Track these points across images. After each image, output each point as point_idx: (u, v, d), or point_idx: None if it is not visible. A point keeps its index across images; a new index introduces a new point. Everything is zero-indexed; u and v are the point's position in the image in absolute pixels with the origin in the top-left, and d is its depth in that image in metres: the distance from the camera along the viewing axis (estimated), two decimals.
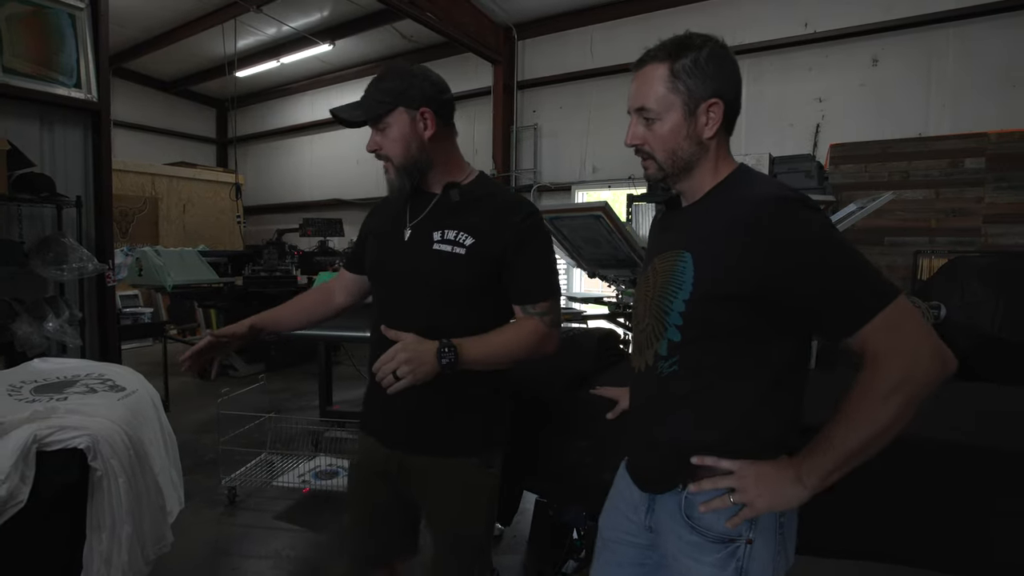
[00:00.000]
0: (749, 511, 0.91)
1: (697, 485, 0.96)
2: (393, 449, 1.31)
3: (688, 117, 0.96)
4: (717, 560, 0.95)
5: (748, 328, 0.92)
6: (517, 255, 1.23)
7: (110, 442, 1.25)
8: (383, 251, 1.33)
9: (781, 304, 0.89)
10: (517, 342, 1.22)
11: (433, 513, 1.33)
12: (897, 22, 5.24)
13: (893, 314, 0.83)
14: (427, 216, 1.28)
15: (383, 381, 1.11)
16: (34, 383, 1.50)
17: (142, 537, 1.31)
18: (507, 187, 1.37)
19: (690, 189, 1.03)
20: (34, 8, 3.16)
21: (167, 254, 5.36)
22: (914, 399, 0.83)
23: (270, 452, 3.30)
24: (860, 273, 0.86)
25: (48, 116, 3.29)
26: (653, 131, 0.98)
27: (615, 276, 3.41)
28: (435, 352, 1.12)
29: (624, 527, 1.12)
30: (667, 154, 0.99)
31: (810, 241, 0.86)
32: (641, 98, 0.98)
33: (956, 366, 0.84)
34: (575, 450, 1.66)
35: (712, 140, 0.98)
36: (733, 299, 0.90)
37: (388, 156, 1.24)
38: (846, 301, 0.86)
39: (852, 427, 0.86)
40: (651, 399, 1.03)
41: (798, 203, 0.89)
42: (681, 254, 0.96)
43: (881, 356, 0.84)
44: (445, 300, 1.23)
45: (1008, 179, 4.48)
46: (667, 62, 0.96)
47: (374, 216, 1.46)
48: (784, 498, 0.90)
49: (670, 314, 0.96)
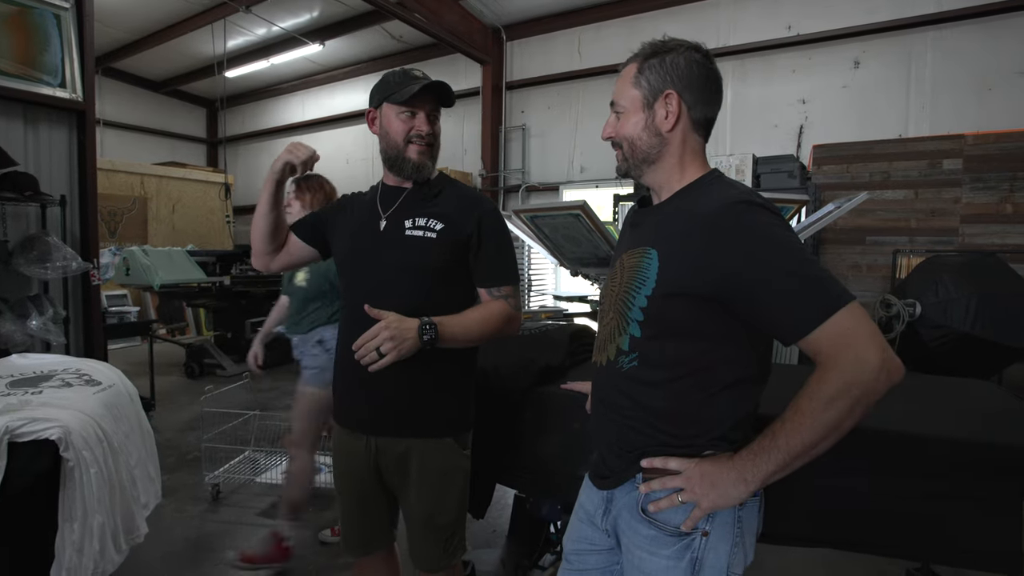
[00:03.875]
0: (698, 511, 0.94)
1: (647, 486, 0.98)
2: (370, 435, 1.36)
3: (647, 109, 1.01)
4: (673, 552, 0.97)
5: (705, 327, 0.95)
6: (482, 243, 1.34)
7: (82, 434, 1.28)
8: (361, 241, 1.39)
9: (735, 304, 0.91)
10: (488, 321, 1.31)
11: (411, 494, 1.38)
12: (878, 25, 5.33)
13: (843, 320, 0.84)
14: (399, 207, 1.37)
15: (365, 359, 1.15)
16: (10, 378, 1.52)
17: (115, 527, 1.33)
18: (466, 184, 1.47)
19: (656, 185, 1.06)
20: (19, 8, 3.17)
21: (155, 253, 5.36)
22: (858, 405, 0.83)
23: (254, 449, 3.32)
24: (812, 278, 0.87)
25: (32, 115, 3.30)
26: (621, 124, 1.04)
27: (596, 275, 3.45)
28: (417, 329, 1.19)
29: (586, 536, 1.15)
30: (628, 144, 1.03)
31: (769, 244, 0.88)
32: (616, 94, 1.05)
33: (903, 375, 0.85)
34: (547, 444, 1.70)
35: (672, 134, 1.01)
36: (691, 297, 0.93)
37: (435, 141, 1.40)
38: (796, 304, 0.86)
39: (796, 429, 0.86)
40: (611, 392, 1.06)
41: (760, 207, 0.91)
42: (648, 251, 0.99)
43: (828, 360, 0.85)
44: (419, 282, 1.32)
45: (984, 180, 4.57)
46: (638, 61, 1.02)
47: (339, 211, 1.50)
48: (728, 497, 0.92)
49: (632, 309, 0.99)
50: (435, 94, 1.36)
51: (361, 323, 1.24)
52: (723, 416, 0.97)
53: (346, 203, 1.52)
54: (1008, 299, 3.28)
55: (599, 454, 1.10)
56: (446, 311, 1.28)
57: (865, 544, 1.36)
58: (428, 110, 1.36)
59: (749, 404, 1.00)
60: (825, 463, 0.97)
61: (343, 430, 1.44)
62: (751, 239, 0.89)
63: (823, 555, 2.44)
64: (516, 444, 1.73)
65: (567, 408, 1.56)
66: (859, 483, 1.31)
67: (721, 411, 0.97)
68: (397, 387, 1.31)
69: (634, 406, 1.01)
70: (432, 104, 1.37)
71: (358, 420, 1.40)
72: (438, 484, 1.38)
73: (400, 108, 1.34)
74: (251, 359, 2.52)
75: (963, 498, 1.24)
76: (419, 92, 1.32)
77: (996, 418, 1.40)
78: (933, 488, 1.27)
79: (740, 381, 0.97)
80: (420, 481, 1.37)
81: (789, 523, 1.32)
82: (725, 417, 0.97)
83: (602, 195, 6.58)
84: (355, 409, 1.41)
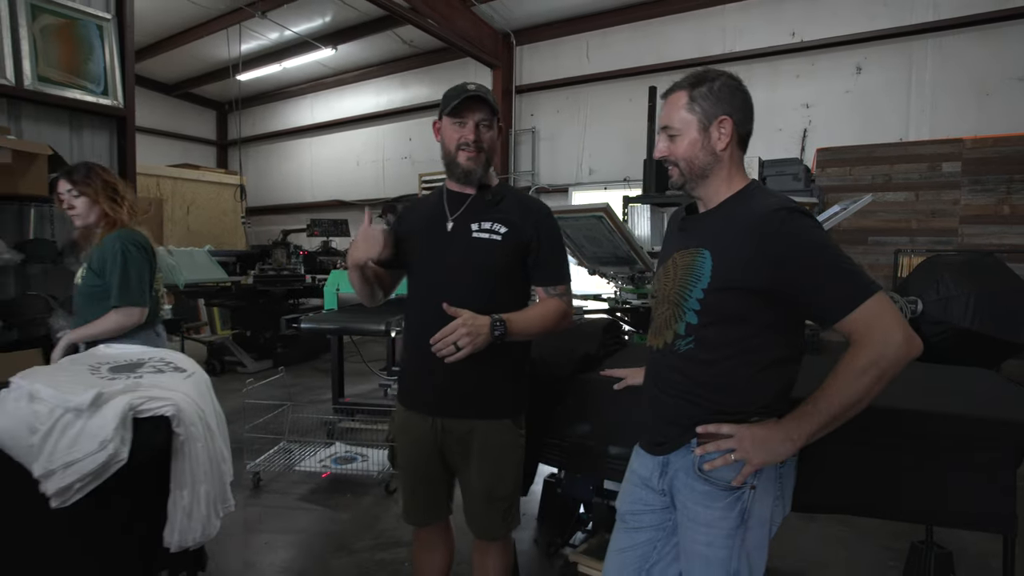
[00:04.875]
0: (749, 467, 1.11)
1: (702, 448, 1.16)
2: (436, 416, 1.52)
3: (703, 132, 1.18)
4: (726, 505, 1.15)
5: (752, 314, 1.13)
6: (541, 245, 1.49)
7: (188, 412, 1.44)
8: (429, 242, 1.53)
9: (784, 294, 1.09)
10: (547, 317, 1.47)
11: (472, 470, 1.54)
12: (879, 33, 5.52)
13: (873, 305, 1.02)
14: (465, 211, 1.52)
15: (443, 351, 1.31)
16: (108, 364, 1.68)
17: (214, 496, 1.50)
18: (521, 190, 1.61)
19: (706, 196, 1.24)
20: (66, 20, 3.33)
21: (179, 253, 5.52)
22: (885, 374, 1.02)
23: (289, 440, 3.48)
24: (849, 271, 1.05)
25: (77, 121, 3.46)
26: (676, 145, 1.20)
27: (614, 273, 3.63)
28: (489, 325, 1.35)
29: (640, 497, 1.32)
30: (687, 163, 1.20)
31: (810, 244, 1.06)
32: (666, 119, 1.21)
33: (921, 350, 1.04)
34: (585, 425, 1.87)
35: (724, 152, 1.18)
36: (744, 290, 1.11)
37: (485, 148, 1.50)
38: (836, 293, 1.05)
39: (834, 395, 1.04)
40: (667, 371, 1.23)
41: (800, 213, 1.09)
42: (701, 251, 1.17)
43: (860, 339, 1.03)
44: (484, 280, 1.46)
45: (982, 182, 4.76)
46: (687, 90, 1.19)
47: (407, 216, 1.66)
48: (776, 453, 1.10)
49: (689, 300, 1.17)
50: (483, 103, 1.47)
51: (429, 317, 1.39)
52: (767, 389, 1.15)
53: (414, 207, 1.69)
54: (1005, 296, 3.46)
55: (654, 425, 1.27)
56: (506, 307, 1.43)
57: (877, 509, 1.54)
58: (477, 119, 1.46)
59: (788, 378, 1.18)
60: (840, 437, 1.14)
61: (409, 412, 1.59)
62: (796, 240, 1.07)
63: (835, 533, 2.62)
64: (558, 425, 1.91)
65: (603, 394, 1.73)
66: (873, 455, 1.49)
67: (765, 385, 1.15)
68: (463, 374, 1.44)
69: (689, 382, 1.19)
70: (482, 113, 1.47)
71: (425, 403, 1.55)
72: (498, 460, 1.53)
73: (452, 119, 1.48)
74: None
75: (964, 466, 1.41)
76: (466, 103, 1.45)
77: (993, 398, 1.58)
78: (938, 458, 1.45)
79: (780, 359, 1.15)
80: (481, 458, 1.52)
81: (810, 494, 1.49)
82: (769, 390, 1.15)
83: (610, 196, 6.75)
84: (423, 393, 1.55)
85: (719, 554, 1.15)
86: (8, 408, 1.30)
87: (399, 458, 1.71)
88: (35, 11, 3.19)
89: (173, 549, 1.42)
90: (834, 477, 1.51)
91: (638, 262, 3.32)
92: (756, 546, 1.16)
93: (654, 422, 1.27)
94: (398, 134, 8.99)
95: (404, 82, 8.79)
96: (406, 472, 1.67)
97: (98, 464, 1.27)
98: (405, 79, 8.76)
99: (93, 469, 1.27)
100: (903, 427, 1.46)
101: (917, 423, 1.45)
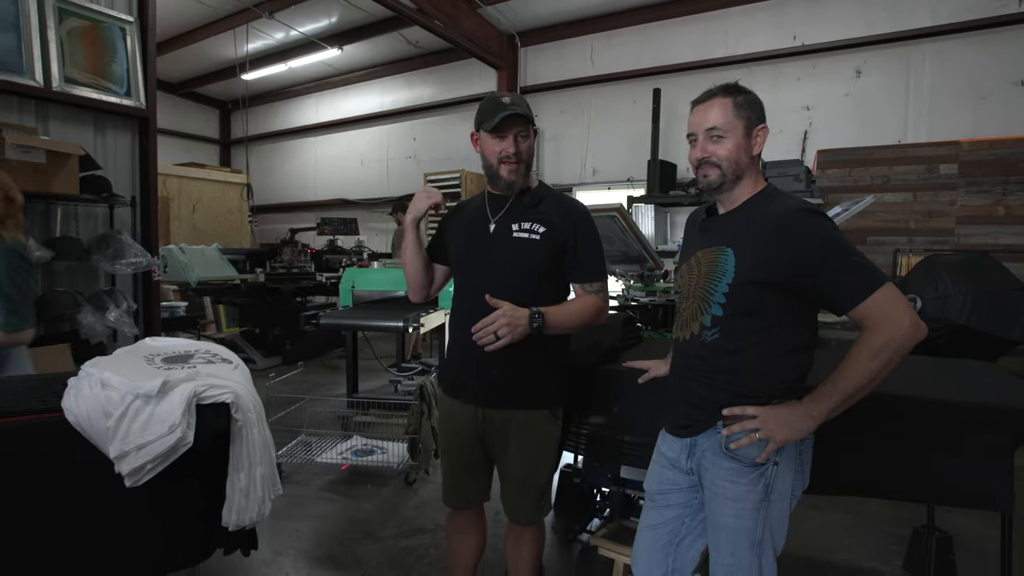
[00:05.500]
0: (772, 444, 1.22)
1: (729, 429, 1.27)
2: (479, 406, 1.62)
3: (746, 137, 1.30)
4: (751, 480, 1.26)
5: (775, 306, 1.24)
6: (578, 244, 1.58)
7: (244, 399, 1.54)
8: (473, 241, 1.64)
9: (803, 287, 1.21)
10: (584, 312, 1.57)
11: (511, 457, 1.63)
12: (878, 37, 5.64)
13: (883, 295, 1.15)
14: (506, 213, 1.61)
15: (483, 339, 1.41)
16: (160, 355, 1.77)
17: (267, 479, 1.60)
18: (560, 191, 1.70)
19: (734, 197, 1.34)
20: (91, 23, 3.41)
21: (191, 251, 5.60)
22: (895, 356, 1.14)
23: (308, 433, 3.57)
24: (861, 265, 1.17)
25: (101, 122, 3.54)
26: (720, 145, 1.30)
27: (623, 271, 3.73)
28: (528, 317, 1.44)
29: (668, 478, 1.43)
30: (731, 163, 1.30)
31: (827, 240, 1.18)
32: (712, 120, 1.30)
33: (926, 333, 1.16)
34: (606, 414, 1.97)
35: (758, 157, 1.33)
36: (767, 283, 1.23)
37: (524, 159, 1.57)
38: (851, 284, 1.17)
39: (851, 375, 1.17)
40: (696, 359, 1.34)
41: (818, 214, 1.22)
42: (723, 250, 1.28)
43: (873, 325, 1.15)
44: (524, 276, 1.56)
45: (978, 184, 4.89)
46: (729, 97, 1.30)
47: (452, 217, 1.77)
48: (798, 430, 1.22)
49: (714, 294, 1.28)
50: (521, 118, 1.54)
51: (474, 311, 1.49)
52: (787, 373, 1.27)
53: (458, 209, 1.78)
54: (1000, 295, 3.59)
55: (681, 410, 1.38)
56: (546, 302, 1.53)
57: (884, 490, 1.65)
58: (516, 132, 1.54)
59: (806, 363, 1.30)
60: (850, 425, 1.25)
61: (453, 401, 1.69)
62: (815, 238, 1.19)
63: (840, 521, 2.74)
64: (580, 414, 2.01)
65: (622, 385, 1.84)
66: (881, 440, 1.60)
67: (785, 370, 1.27)
68: (504, 366, 1.55)
69: (715, 369, 1.30)
70: (520, 126, 1.54)
71: (468, 392, 1.65)
72: (535, 449, 1.63)
73: (491, 134, 1.55)
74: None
75: (964, 449, 1.53)
76: (506, 120, 1.52)
77: (992, 387, 1.69)
78: (940, 442, 1.56)
79: (798, 346, 1.27)
80: (519, 446, 1.62)
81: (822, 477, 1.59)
82: (788, 374, 1.27)
83: (614, 196, 6.87)
84: (467, 384, 1.65)
85: (745, 524, 1.26)
86: (84, 393, 1.39)
87: (441, 443, 1.81)
88: (62, 14, 3.27)
89: (232, 528, 1.51)
90: (845, 461, 1.62)
91: (648, 260, 3.42)
92: (778, 517, 1.28)
93: (682, 407, 1.38)
94: (403, 134, 9.07)
95: (409, 82, 8.87)
96: (448, 457, 1.77)
97: (167, 447, 1.37)
98: (410, 79, 8.84)
99: (163, 451, 1.37)
100: (909, 413, 1.57)
101: (922, 409, 1.56)
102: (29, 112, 3.20)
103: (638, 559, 1.48)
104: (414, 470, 3.16)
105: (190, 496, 1.55)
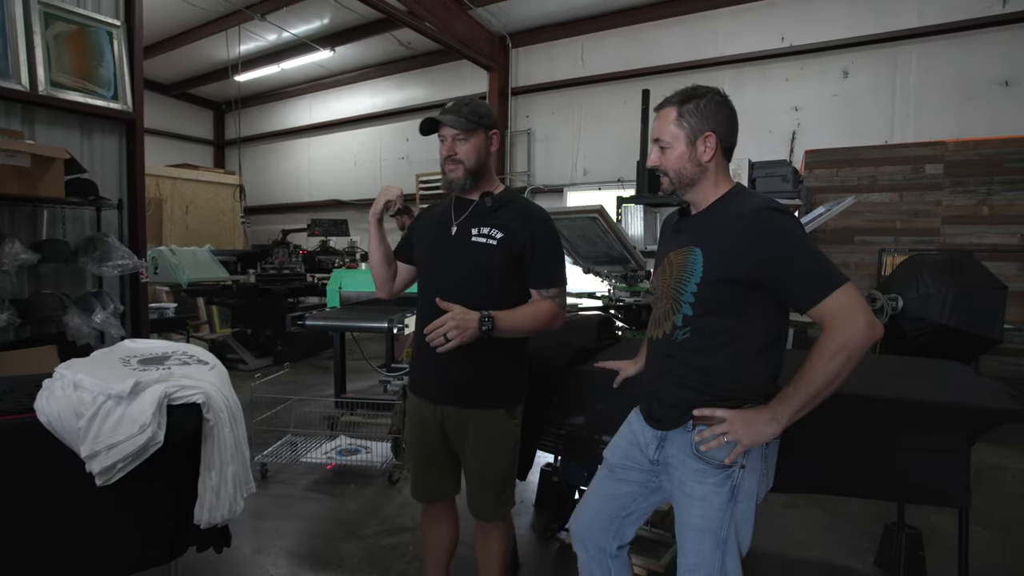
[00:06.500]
0: (740, 447, 1.25)
1: (700, 435, 1.29)
2: (438, 404, 1.65)
3: (690, 146, 1.32)
4: (718, 481, 1.28)
5: (744, 304, 1.27)
6: (535, 250, 1.60)
7: (216, 399, 1.57)
8: (435, 243, 1.68)
9: (766, 285, 1.23)
10: (536, 317, 1.59)
11: (469, 454, 1.67)
12: (865, 38, 5.68)
13: (841, 296, 1.17)
14: (467, 217, 1.65)
15: (434, 341, 1.44)
16: (136, 357, 1.80)
17: (239, 478, 1.63)
18: (526, 198, 1.72)
19: (696, 200, 1.38)
20: (77, 27, 3.43)
21: (182, 253, 5.63)
22: (853, 356, 1.15)
23: (294, 433, 3.60)
24: (821, 264, 1.20)
25: (88, 125, 3.56)
26: (666, 156, 1.34)
27: (608, 272, 3.77)
28: (478, 320, 1.47)
29: (632, 456, 1.46)
30: (675, 173, 1.34)
31: (788, 240, 1.21)
32: (657, 132, 1.35)
33: (882, 334, 1.19)
34: (581, 415, 2.00)
35: (710, 164, 1.33)
36: (731, 282, 1.25)
37: (462, 160, 1.59)
38: (809, 284, 1.19)
39: (809, 378, 1.18)
40: (667, 358, 1.36)
41: (782, 212, 1.24)
42: (692, 250, 1.31)
43: (830, 325, 1.17)
44: (480, 281, 1.60)
45: (963, 184, 4.93)
46: (676, 106, 1.33)
47: (423, 217, 1.80)
48: (763, 434, 1.23)
49: (684, 294, 1.31)
50: (451, 122, 1.57)
51: (435, 314, 1.51)
52: (758, 372, 1.30)
53: (429, 210, 1.82)
54: (980, 294, 3.62)
55: (654, 404, 1.41)
56: (505, 305, 1.56)
57: (847, 488, 1.68)
58: (452, 135, 1.58)
59: (776, 362, 1.32)
60: (814, 425, 1.28)
61: (417, 398, 1.73)
62: (777, 236, 1.22)
63: (815, 518, 2.78)
64: (555, 415, 2.04)
65: (596, 385, 1.86)
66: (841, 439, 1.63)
67: (756, 368, 1.30)
68: (464, 366, 1.58)
69: (686, 368, 1.33)
70: (455, 129, 1.57)
71: (429, 391, 1.69)
72: (490, 447, 1.66)
73: (438, 137, 1.63)
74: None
75: (923, 447, 1.56)
76: (428, 125, 1.58)
77: (955, 385, 1.72)
78: (901, 439, 1.59)
79: (768, 344, 1.30)
80: (476, 444, 1.65)
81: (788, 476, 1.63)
82: (759, 372, 1.30)
83: (604, 197, 6.90)
84: (427, 383, 1.69)
85: (711, 524, 1.29)
86: (57, 394, 1.42)
87: (407, 439, 1.85)
88: (49, 19, 3.29)
89: (203, 526, 1.55)
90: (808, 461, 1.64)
91: (631, 261, 3.46)
92: (744, 517, 1.31)
93: (654, 404, 1.41)
94: (395, 135, 9.10)
95: (401, 83, 8.90)
96: (414, 452, 1.80)
97: (138, 446, 1.40)
98: (402, 80, 8.87)
99: (133, 451, 1.40)
100: (868, 413, 1.60)
101: (880, 409, 1.59)
102: (15, 116, 3.22)
103: (582, 519, 1.52)
104: (397, 469, 3.19)
105: (162, 495, 1.58)
